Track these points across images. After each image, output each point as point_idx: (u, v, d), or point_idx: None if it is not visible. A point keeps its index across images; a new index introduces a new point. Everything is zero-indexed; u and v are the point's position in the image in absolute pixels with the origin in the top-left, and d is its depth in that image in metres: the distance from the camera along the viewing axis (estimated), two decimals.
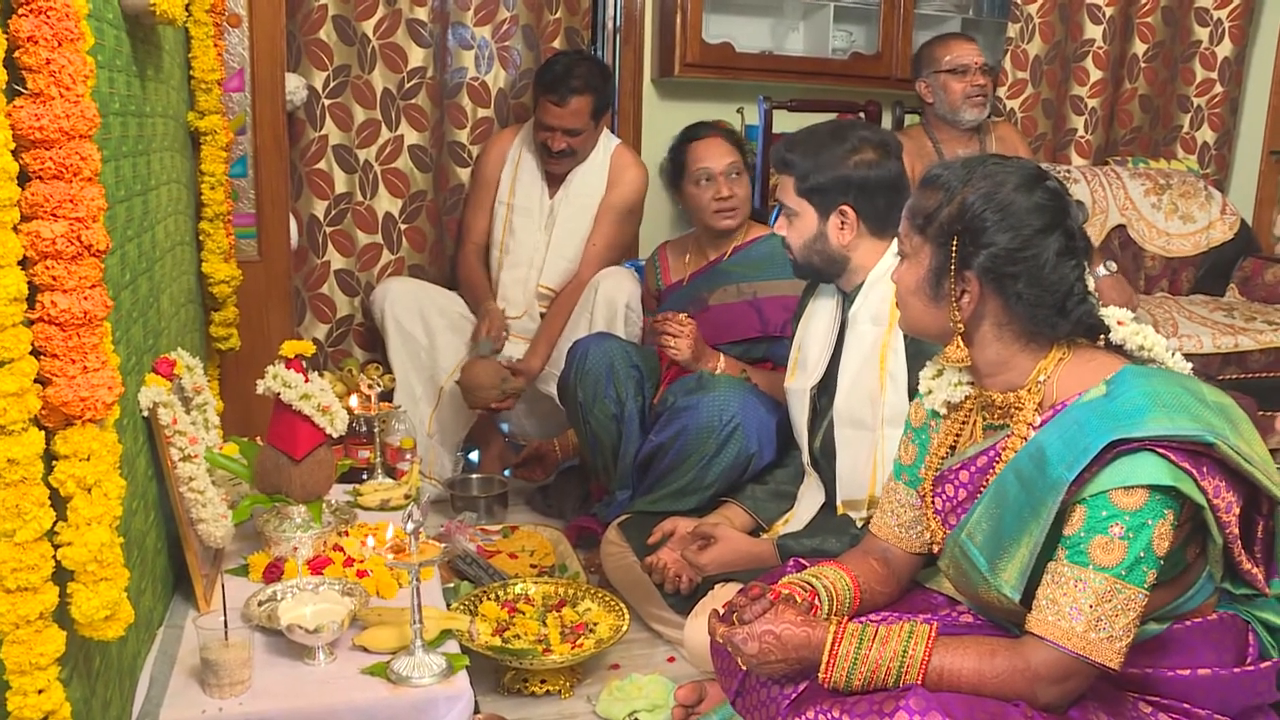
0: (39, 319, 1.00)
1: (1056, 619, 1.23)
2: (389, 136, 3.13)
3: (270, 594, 1.68)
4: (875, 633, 1.30)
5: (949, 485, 1.45)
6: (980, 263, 1.32)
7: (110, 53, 1.42)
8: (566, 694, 1.99)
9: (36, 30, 0.96)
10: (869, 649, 1.29)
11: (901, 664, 1.27)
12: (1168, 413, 1.22)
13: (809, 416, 2.13)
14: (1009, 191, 1.31)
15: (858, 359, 2.01)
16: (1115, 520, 1.21)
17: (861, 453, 2.02)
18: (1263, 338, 3.10)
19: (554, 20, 3.30)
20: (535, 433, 3.14)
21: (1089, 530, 1.22)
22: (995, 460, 1.38)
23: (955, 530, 1.39)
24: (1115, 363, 1.33)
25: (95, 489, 1.04)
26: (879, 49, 3.81)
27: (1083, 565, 1.22)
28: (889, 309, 1.98)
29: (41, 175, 0.99)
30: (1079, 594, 1.22)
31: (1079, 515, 1.24)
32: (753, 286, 2.63)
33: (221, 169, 2.23)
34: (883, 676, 1.28)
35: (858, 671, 1.28)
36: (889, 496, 1.59)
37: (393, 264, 3.19)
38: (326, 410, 1.82)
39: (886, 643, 1.29)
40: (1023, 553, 1.29)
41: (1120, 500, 1.21)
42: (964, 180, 1.34)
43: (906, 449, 1.58)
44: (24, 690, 0.97)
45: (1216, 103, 3.87)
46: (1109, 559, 1.21)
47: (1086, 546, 1.22)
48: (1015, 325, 1.34)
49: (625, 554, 2.30)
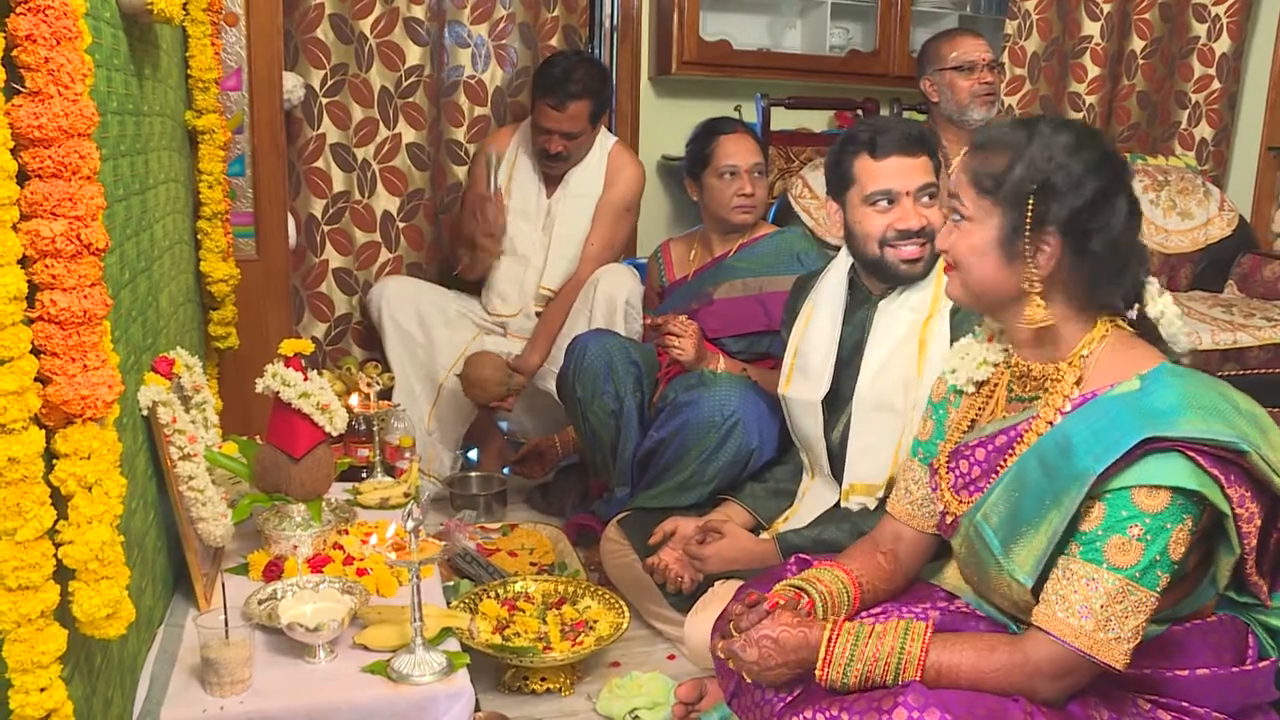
0: (39, 317, 1.00)
1: (1066, 615, 1.23)
2: (387, 135, 3.13)
3: (270, 592, 1.68)
4: (871, 630, 1.30)
5: (964, 461, 1.44)
6: (1062, 218, 1.29)
7: (108, 51, 1.42)
8: (567, 692, 2.00)
9: (35, 29, 0.96)
10: (865, 646, 1.29)
11: (899, 660, 1.27)
12: (1203, 416, 1.21)
13: (824, 422, 2.12)
14: (1079, 149, 1.30)
15: (891, 344, 1.99)
16: (1135, 521, 1.20)
17: (883, 435, 1.99)
18: (1261, 334, 3.10)
19: (551, 18, 3.30)
20: (534, 430, 3.14)
21: (1107, 529, 1.22)
22: (1015, 441, 1.37)
23: (971, 509, 1.38)
24: (1152, 357, 1.32)
25: (96, 488, 1.04)
26: (876, 46, 3.82)
27: (1097, 564, 1.22)
28: (931, 298, 1.97)
29: (40, 174, 0.99)
30: (1090, 592, 1.22)
31: (1098, 512, 1.23)
32: (759, 281, 2.63)
33: (219, 168, 2.23)
34: (880, 673, 1.28)
35: (854, 669, 1.28)
36: (905, 474, 1.59)
37: (391, 262, 3.19)
38: (326, 409, 1.82)
39: (883, 639, 1.29)
40: (1040, 540, 1.28)
41: (1142, 501, 1.20)
42: (1028, 140, 1.31)
43: (925, 425, 1.58)
44: (26, 688, 0.97)
45: (1214, 99, 3.87)
46: (1125, 560, 1.21)
47: (1103, 545, 1.22)
48: (1076, 288, 1.33)
49: (625, 551, 2.30)
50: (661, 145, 3.67)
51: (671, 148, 3.57)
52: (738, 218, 2.68)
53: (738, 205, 2.66)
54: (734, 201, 2.66)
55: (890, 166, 1.93)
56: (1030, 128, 1.33)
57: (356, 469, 2.41)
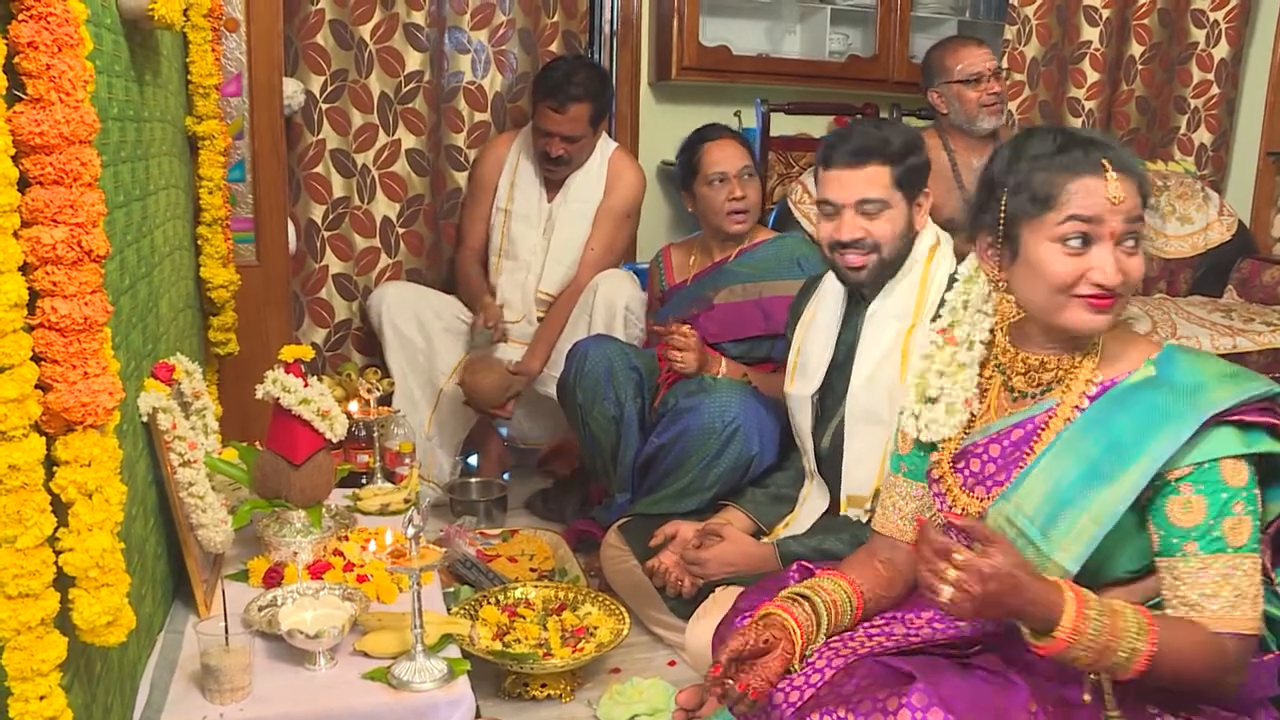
0: (39, 324, 1.00)
1: (1230, 610, 1.24)
2: (386, 141, 3.13)
3: (270, 599, 1.68)
4: (1102, 604, 1.24)
5: (975, 460, 1.44)
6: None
7: (109, 58, 1.42)
8: (567, 698, 1.99)
9: (36, 36, 0.96)
10: (1105, 618, 1.22)
11: (1137, 631, 1.21)
12: (1233, 381, 1.26)
13: (813, 420, 2.13)
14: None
15: (878, 354, 2.00)
16: (1235, 499, 1.24)
17: (872, 447, 2.01)
18: (1261, 339, 3.10)
19: (551, 24, 3.30)
20: (534, 435, 3.15)
21: (1216, 516, 1.24)
22: (1039, 431, 1.37)
23: (998, 501, 1.37)
24: (1151, 346, 1.36)
25: (96, 495, 1.04)
26: (876, 51, 3.82)
27: (1222, 551, 1.24)
28: (914, 305, 1.98)
29: (41, 180, 0.99)
30: (1240, 580, 1.24)
31: (1199, 504, 1.25)
32: (759, 286, 2.63)
33: (219, 174, 2.23)
34: (1116, 644, 1.21)
35: (1101, 634, 1.20)
36: (889, 491, 1.59)
37: (391, 268, 3.19)
38: (326, 415, 1.82)
39: (1117, 615, 1.22)
40: (1086, 524, 1.28)
41: (1230, 478, 1.24)
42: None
43: (904, 439, 1.57)
44: (25, 696, 0.97)
45: (1213, 104, 3.87)
46: (1241, 537, 1.24)
47: (1220, 533, 1.24)
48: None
49: (625, 557, 2.30)
50: (661, 151, 3.68)
51: (671, 153, 3.53)
52: (732, 228, 2.67)
53: (730, 211, 2.66)
54: (727, 208, 2.66)
55: (833, 177, 2.00)
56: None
57: (356, 475, 2.41)
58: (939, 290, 1.97)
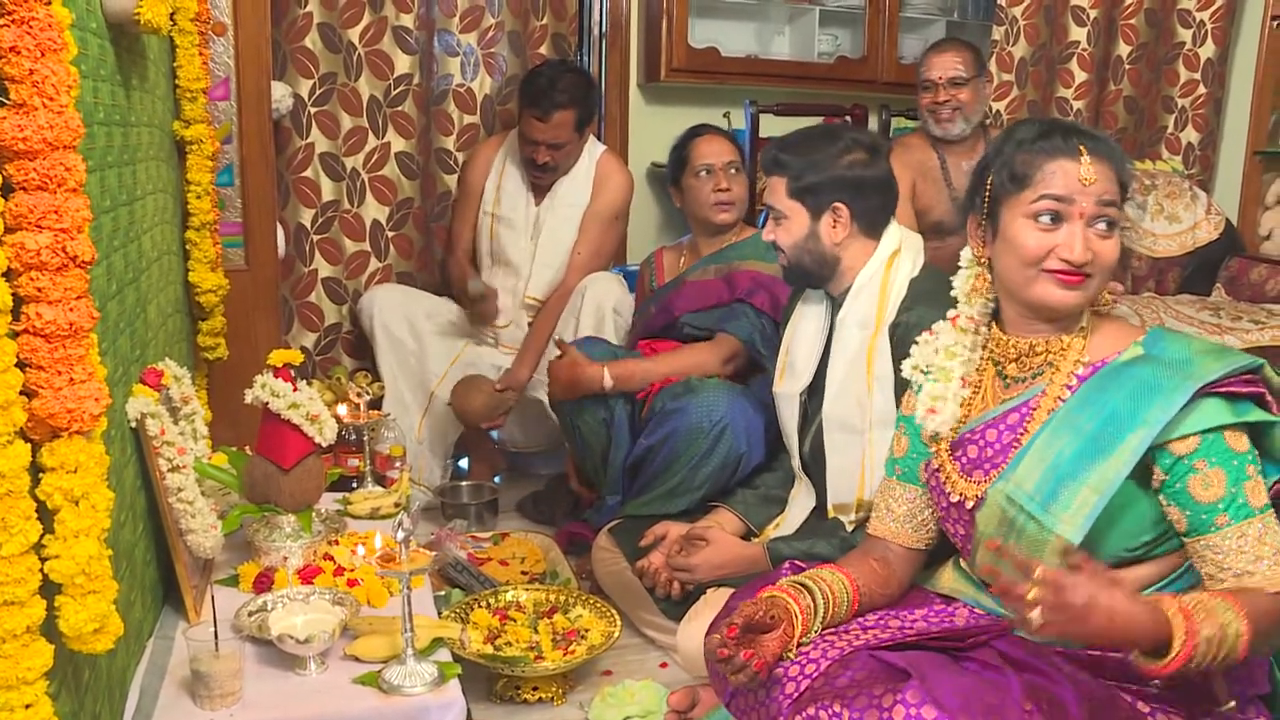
0: (24, 331, 0.99)
1: (1277, 567, 1.26)
2: (376, 144, 3.12)
3: (260, 604, 1.67)
4: (1196, 601, 1.22)
5: (972, 446, 1.47)
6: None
7: (94, 62, 1.41)
8: (559, 701, 1.99)
9: (19, 40, 0.96)
10: (1204, 614, 1.20)
11: (1230, 615, 1.20)
12: (1218, 355, 1.31)
13: (799, 421, 2.14)
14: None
15: (844, 363, 2.02)
16: (1246, 463, 1.29)
17: (851, 456, 2.02)
18: (1249, 337, 3.11)
19: (540, 26, 3.30)
20: (524, 440, 3.15)
21: (1236, 484, 1.28)
22: (1031, 413, 1.41)
23: (997, 481, 1.40)
24: (1138, 331, 1.41)
25: (83, 501, 1.03)
26: (864, 53, 3.83)
27: (1251, 515, 1.28)
28: (875, 313, 1.99)
29: (25, 186, 0.98)
30: (1273, 538, 1.27)
31: (1217, 477, 1.28)
32: (729, 266, 2.64)
33: (208, 178, 2.22)
34: (1221, 640, 1.20)
35: (1213, 633, 1.19)
36: (884, 494, 1.60)
37: (380, 271, 3.18)
38: (315, 419, 1.81)
39: (1213, 612, 1.20)
40: (1087, 495, 1.32)
41: (1236, 446, 1.29)
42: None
43: (899, 442, 1.59)
44: (11, 705, 0.96)
45: (1200, 104, 3.89)
46: (1261, 497, 1.29)
47: (1244, 498, 1.28)
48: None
49: (616, 559, 2.30)
50: (650, 152, 3.68)
51: (660, 155, 3.56)
52: (718, 217, 2.67)
53: (716, 202, 2.66)
54: (712, 199, 2.66)
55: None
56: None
57: (347, 479, 2.41)
58: (899, 296, 1.99)
